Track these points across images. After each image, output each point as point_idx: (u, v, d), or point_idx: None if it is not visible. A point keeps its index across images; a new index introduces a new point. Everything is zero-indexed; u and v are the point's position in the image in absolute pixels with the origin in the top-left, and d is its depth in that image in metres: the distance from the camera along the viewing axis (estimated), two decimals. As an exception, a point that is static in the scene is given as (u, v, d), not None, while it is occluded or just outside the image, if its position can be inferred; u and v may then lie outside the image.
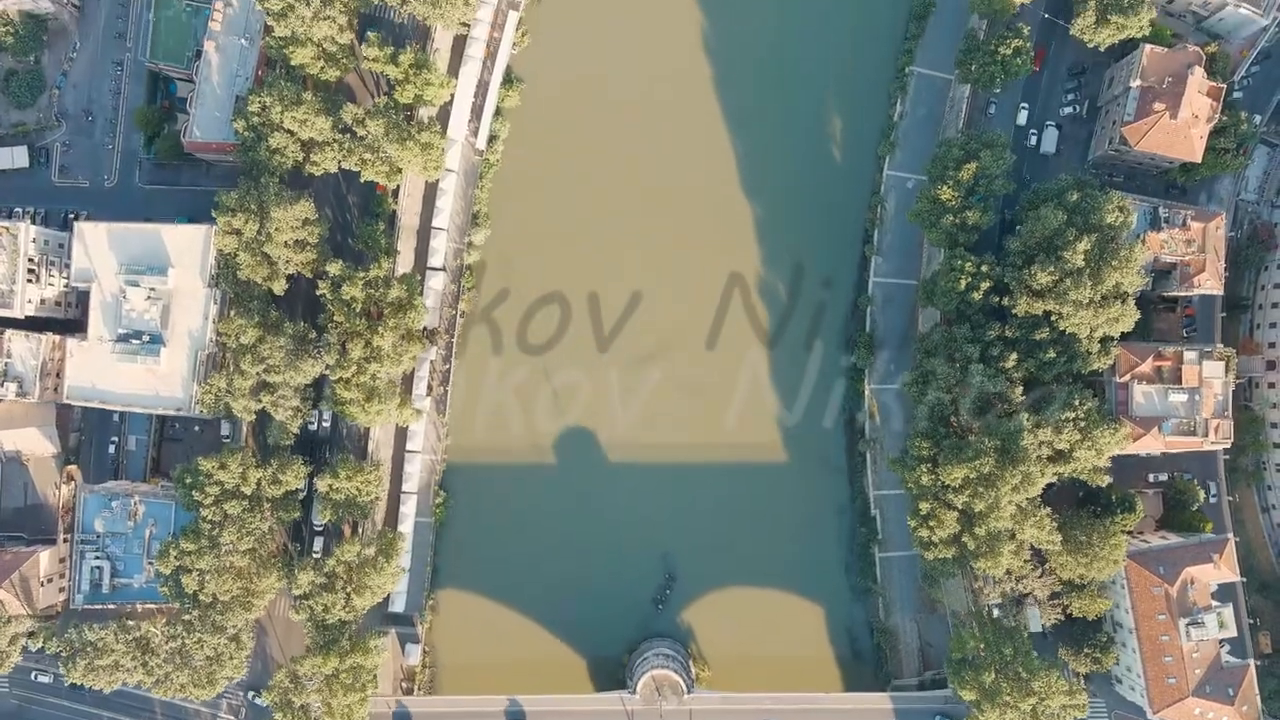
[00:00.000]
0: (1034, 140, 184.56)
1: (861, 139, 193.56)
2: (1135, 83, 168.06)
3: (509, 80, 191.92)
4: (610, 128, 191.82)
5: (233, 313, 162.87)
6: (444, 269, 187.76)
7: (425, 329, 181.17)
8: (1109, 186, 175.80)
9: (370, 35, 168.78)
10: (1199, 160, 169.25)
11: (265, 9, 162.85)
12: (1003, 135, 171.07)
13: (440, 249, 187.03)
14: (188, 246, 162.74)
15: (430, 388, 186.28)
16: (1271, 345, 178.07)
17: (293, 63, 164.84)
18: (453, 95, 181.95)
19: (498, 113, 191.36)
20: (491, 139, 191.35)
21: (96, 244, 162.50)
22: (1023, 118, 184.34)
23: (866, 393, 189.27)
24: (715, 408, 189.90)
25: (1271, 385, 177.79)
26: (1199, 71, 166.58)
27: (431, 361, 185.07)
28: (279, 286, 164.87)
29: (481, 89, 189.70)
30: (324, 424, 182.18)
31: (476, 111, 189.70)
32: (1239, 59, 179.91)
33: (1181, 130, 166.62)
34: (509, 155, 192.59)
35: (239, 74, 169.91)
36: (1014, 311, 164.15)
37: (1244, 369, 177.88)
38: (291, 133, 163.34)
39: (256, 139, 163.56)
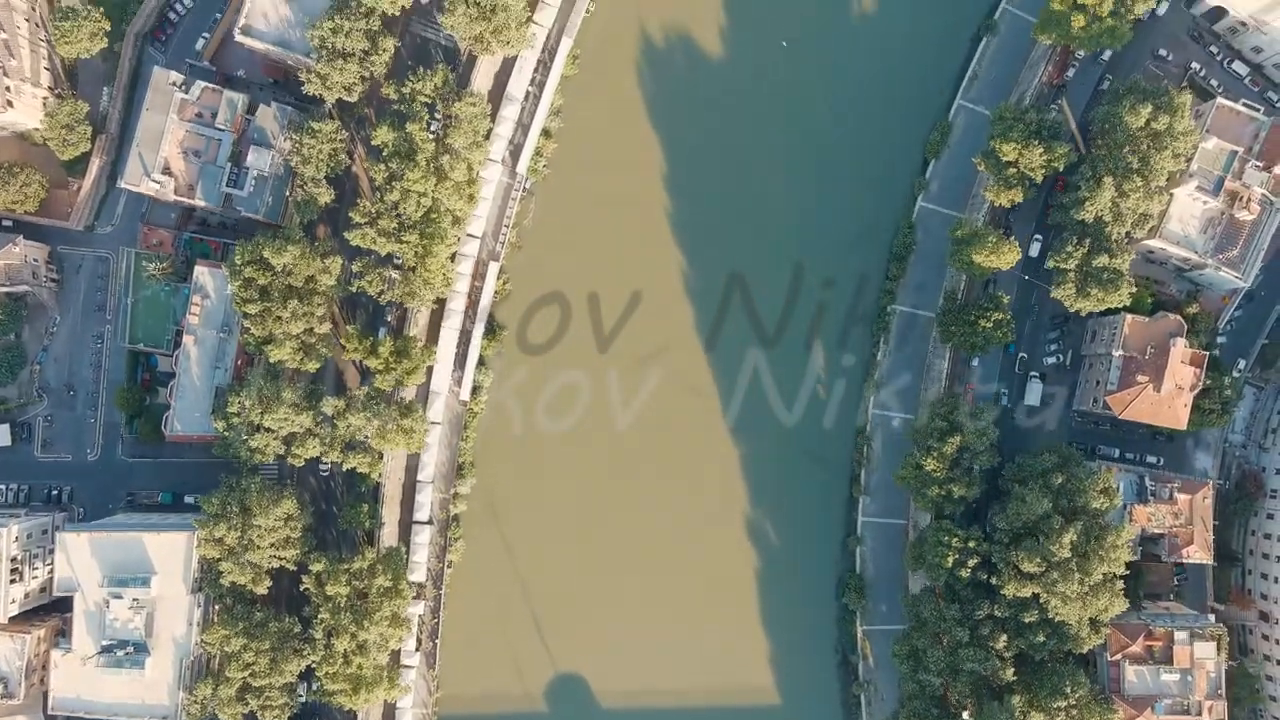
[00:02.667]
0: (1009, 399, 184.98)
1: (848, 377, 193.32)
2: (1117, 352, 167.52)
3: (491, 329, 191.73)
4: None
5: (216, 619, 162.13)
6: (430, 522, 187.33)
7: (412, 584, 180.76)
8: (1094, 437, 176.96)
9: (349, 329, 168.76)
10: (1184, 428, 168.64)
11: (241, 312, 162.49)
12: (987, 407, 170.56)
13: (426, 502, 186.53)
14: (170, 553, 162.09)
15: (419, 642, 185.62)
16: (1264, 597, 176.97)
17: (271, 360, 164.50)
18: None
19: (481, 361, 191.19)
20: (475, 389, 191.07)
21: (79, 553, 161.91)
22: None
23: (859, 635, 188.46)
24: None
25: (1265, 637, 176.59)
26: (1181, 342, 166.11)
27: (420, 616, 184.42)
28: (262, 588, 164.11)
29: (464, 338, 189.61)
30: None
31: (460, 361, 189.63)
32: (1221, 306, 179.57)
33: (1166, 401, 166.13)
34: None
35: (218, 366, 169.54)
36: (1002, 592, 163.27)
37: (1235, 619, 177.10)
38: (272, 430, 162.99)
39: (237, 436, 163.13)
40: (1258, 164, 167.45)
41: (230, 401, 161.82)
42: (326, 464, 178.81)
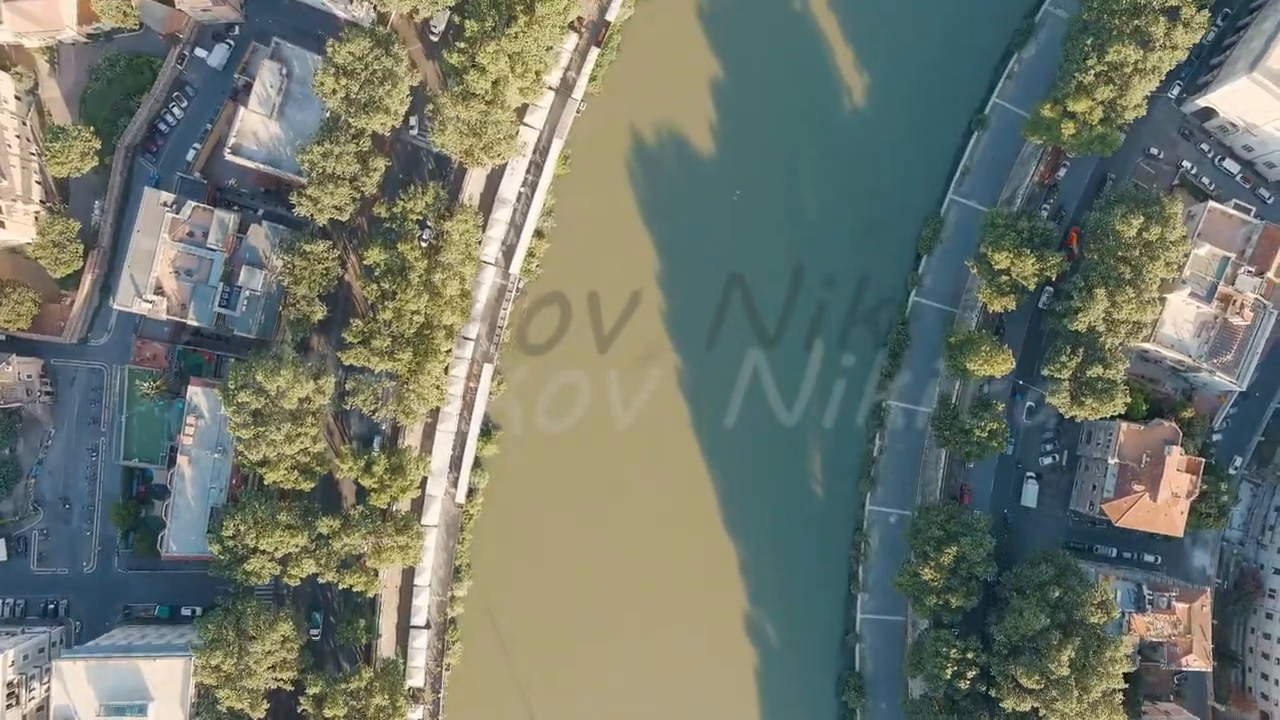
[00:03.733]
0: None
1: (842, 476, 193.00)
2: (1113, 460, 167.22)
3: (487, 430, 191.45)
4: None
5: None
6: (428, 626, 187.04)
7: (410, 689, 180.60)
8: (1091, 536, 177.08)
9: (343, 448, 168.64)
10: (1181, 534, 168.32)
11: (236, 436, 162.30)
12: (983, 518, 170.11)
13: (423, 606, 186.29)
14: (167, 679, 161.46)
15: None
16: (1265, 697, 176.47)
17: (266, 482, 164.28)
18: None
19: (477, 463, 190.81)
20: (471, 491, 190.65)
21: (75, 681, 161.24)
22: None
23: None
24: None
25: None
26: (1177, 450, 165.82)
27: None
28: (260, 711, 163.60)
29: (459, 440, 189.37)
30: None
31: (455, 463, 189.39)
32: (1217, 404, 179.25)
33: (1162, 509, 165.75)
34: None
35: (213, 486, 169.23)
36: (1001, 705, 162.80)
37: None
38: (266, 552, 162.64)
39: (233, 559, 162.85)
40: (1250, 269, 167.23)
41: (225, 525, 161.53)
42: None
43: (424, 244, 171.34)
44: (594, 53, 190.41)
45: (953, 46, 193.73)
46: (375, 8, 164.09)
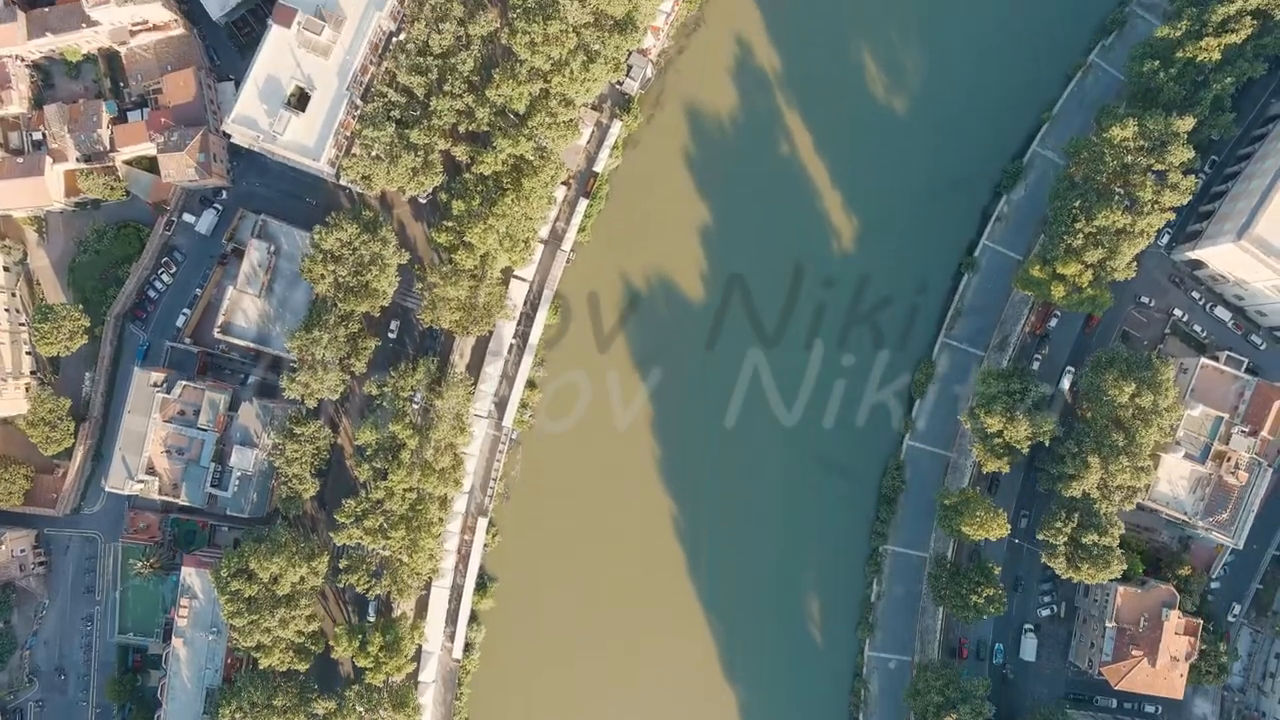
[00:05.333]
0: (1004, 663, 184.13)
1: (839, 620, 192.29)
2: (1110, 623, 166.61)
3: (483, 583, 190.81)
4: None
5: None
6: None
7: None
8: (1091, 686, 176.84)
9: (338, 629, 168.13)
10: (1180, 697, 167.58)
11: (230, 623, 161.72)
12: (981, 683, 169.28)
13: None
14: None
15: None
16: None
17: (261, 666, 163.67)
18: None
19: (474, 617, 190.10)
20: (468, 646, 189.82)
21: None
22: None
23: None
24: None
25: None
26: (1174, 613, 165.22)
27: None
28: None
29: (455, 593, 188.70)
30: None
31: (452, 617, 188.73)
32: (1214, 553, 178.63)
33: (1161, 673, 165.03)
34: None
35: (208, 668, 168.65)
36: None
37: None
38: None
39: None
40: (1244, 429, 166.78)
41: (221, 712, 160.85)
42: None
43: (416, 407, 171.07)
44: (583, 203, 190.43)
45: (941, 188, 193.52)
46: (361, 181, 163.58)
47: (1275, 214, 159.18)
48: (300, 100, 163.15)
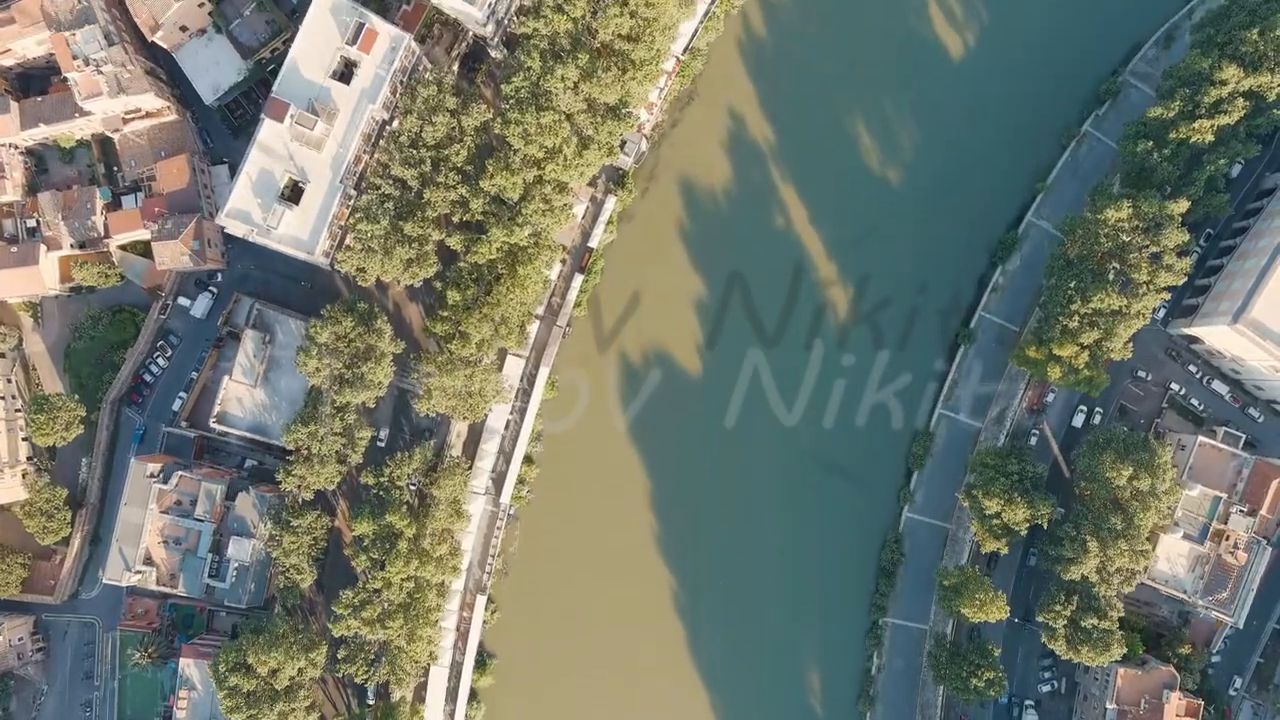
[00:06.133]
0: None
1: (839, 693, 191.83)
2: (1111, 705, 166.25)
3: (482, 661, 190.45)
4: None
5: None
6: None
7: None
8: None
9: (336, 719, 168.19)
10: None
11: (229, 719, 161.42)
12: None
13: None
14: None
15: None
16: None
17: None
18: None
19: (473, 695, 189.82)
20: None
21: None
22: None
23: None
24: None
25: None
26: (1175, 695, 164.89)
27: None
28: None
29: (455, 670, 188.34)
30: None
31: (451, 695, 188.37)
32: (1214, 628, 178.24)
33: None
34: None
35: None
36: None
37: None
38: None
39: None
40: (1242, 509, 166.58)
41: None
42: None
43: (412, 490, 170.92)
44: (578, 279, 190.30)
45: (937, 259, 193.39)
46: (356, 272, 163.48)
47: (1271, 297, 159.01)
48: (294, 193, 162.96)
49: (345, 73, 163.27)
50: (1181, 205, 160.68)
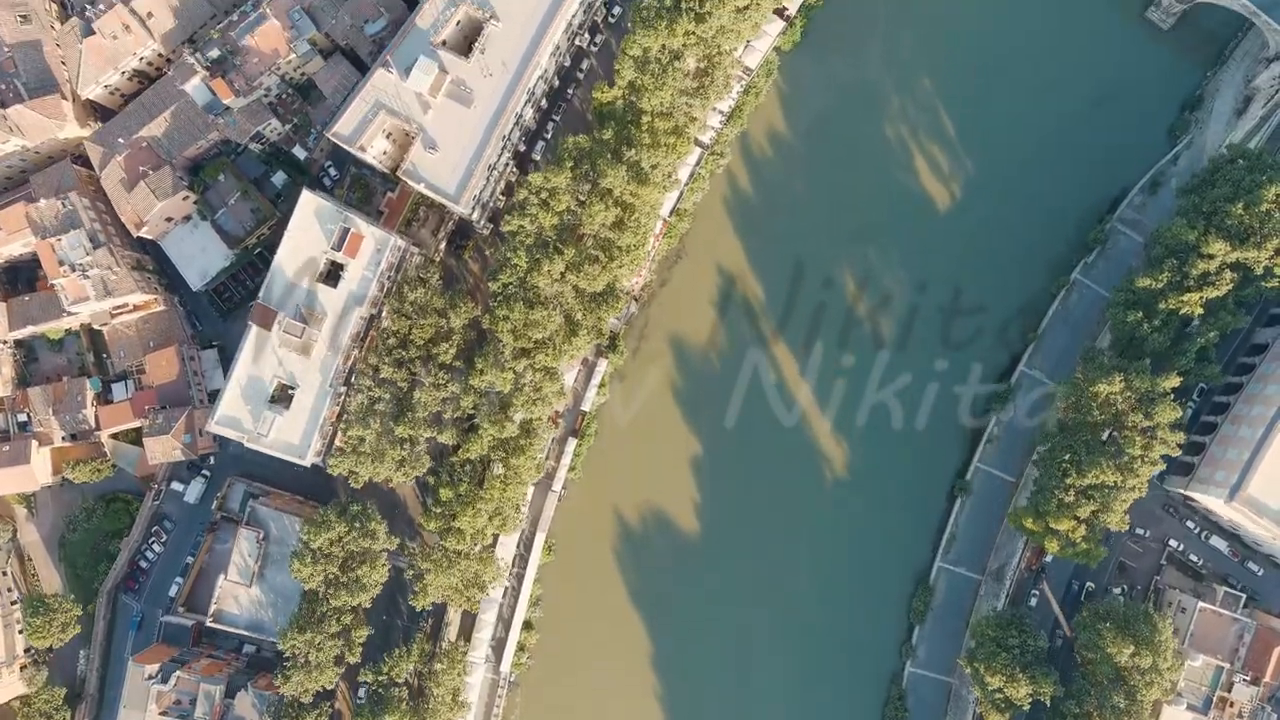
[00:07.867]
0: None
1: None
2: None
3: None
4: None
5: None
6: None
7: None
8: None
9: None
10: None
11: None
12: None
13: None
14: None
15: None
16: None
17: None
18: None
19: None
20: None
21: None
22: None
23: None
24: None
25: None
26: None
27: None
28: None
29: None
30: None
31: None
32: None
33: None
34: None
35: None
36: None
37: None
38: None
39: None
40: (1245, 677, 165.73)
41: None
42: None
43: (411, 674, 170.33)
44: (572, 442, 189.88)
45: (931, 411, 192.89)
46: (349, 479, 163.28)
47: (1267, 473, 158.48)
48: (283, 396, 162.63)
49: (332, 273, 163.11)
50: (1173, 380, 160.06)
